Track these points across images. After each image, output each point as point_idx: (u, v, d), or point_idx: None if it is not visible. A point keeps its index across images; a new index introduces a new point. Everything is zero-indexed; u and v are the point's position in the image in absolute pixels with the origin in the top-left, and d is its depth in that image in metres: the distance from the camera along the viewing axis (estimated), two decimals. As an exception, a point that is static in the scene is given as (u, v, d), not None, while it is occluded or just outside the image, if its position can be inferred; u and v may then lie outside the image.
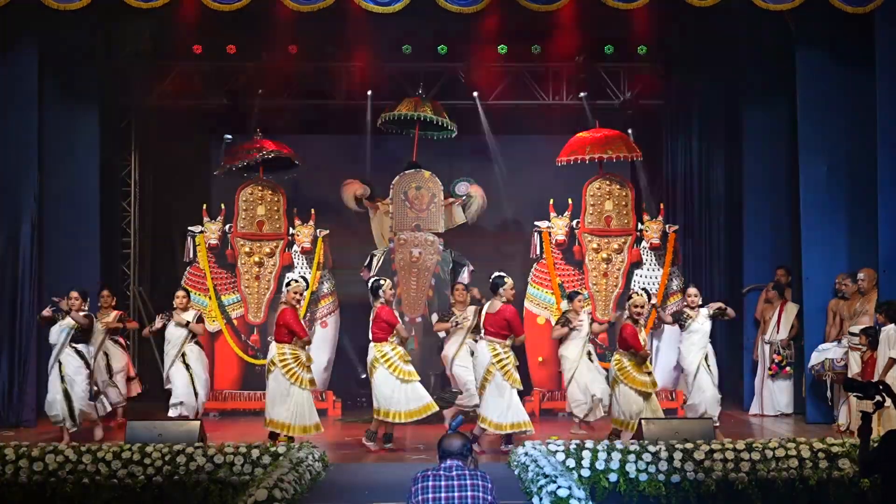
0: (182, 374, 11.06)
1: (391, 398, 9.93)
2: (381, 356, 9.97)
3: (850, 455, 8.16)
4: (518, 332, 9.92)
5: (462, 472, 5.31)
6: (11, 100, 11.83)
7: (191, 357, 11.14)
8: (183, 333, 11.13)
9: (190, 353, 11.15)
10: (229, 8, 11.18)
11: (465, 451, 5.43)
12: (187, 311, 11.20)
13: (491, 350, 9.78)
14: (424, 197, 12.95)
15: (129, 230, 14.59)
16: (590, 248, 12.73)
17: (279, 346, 9.96)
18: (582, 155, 12.62)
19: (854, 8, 11.04)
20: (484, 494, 5.26)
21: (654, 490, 8.05)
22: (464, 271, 12.86)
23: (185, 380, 11.05)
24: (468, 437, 5.59)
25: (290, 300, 10.08)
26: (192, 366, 11.12)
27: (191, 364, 11.11)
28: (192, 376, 11.08)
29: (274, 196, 13.05)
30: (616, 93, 14.84)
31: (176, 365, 11.09)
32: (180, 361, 11.09)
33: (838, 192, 11.79)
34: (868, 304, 11.07)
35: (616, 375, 9.90)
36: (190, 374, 11.08)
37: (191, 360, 11.13)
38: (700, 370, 10.72)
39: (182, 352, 11.10)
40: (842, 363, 11.04)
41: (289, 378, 9.83)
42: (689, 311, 10.93)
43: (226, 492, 7.98)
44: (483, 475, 5.35)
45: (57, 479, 8.09)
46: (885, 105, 11.18)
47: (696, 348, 10.80)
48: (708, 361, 10.81)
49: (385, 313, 10.02)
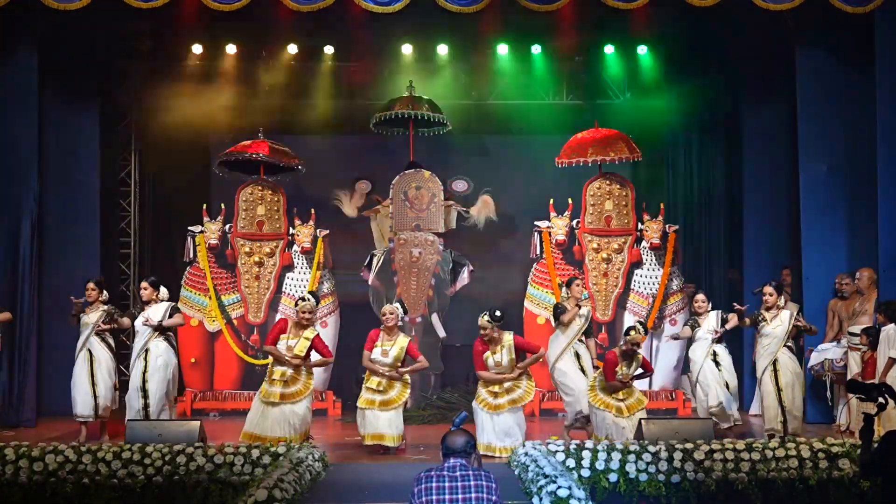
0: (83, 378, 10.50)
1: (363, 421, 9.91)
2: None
3: (850, 455, 8.16)
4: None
5: (466, 472, 5.23)
6: (11, 100, 11.84)
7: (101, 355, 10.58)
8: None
9: (98, 351, 10.56)
10: (229, 8, 11.18)
11: (468, 448, 5.34)
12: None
13: None
14: (424, 197, 12.95)
15: (129, 230, 14.59)
16: (590, 248, 12.73)
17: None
18: (584, 157, 12.61)
19: (854, 8, 11.04)
20: (488, 495, 5.17)
21: (654, 490, 8.05)
22: (464, 271, 12.87)
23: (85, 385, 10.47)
24: (472, 434, 5.52)
25: (301, 320, 10.04)
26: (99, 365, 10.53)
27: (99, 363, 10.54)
28: (94, 377, 10.48)
29: (274, 196, 13.05)
30: (616, 93, 14.85)
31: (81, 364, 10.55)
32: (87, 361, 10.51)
33: (838, 192, 11.80)
34: (867, 304, 11.07)
35: (590, 390, 9.91)
36: (92, 375, 10.49)
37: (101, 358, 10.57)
38: (765, 375, 10.28)
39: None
40: (841, 363, 11.04)
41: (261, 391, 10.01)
42: (766, 314, 10.35)
43: (226, 492, 7.98)
44: (487, 475, 5.27)
45: (57, 479, 8.08)
46: (885, 105, 11.18)
47: (766, 353, 10.28)
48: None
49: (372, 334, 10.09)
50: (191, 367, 12.82)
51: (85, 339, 10.57)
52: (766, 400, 10.20)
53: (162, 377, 10.37)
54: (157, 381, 10.35)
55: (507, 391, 9.82)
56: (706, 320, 10.71)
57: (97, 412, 10.51)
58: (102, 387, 10.53)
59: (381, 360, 9.92)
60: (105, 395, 10.54)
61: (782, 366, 10.18)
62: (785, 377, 10.15)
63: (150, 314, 10.55)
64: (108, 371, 10.61)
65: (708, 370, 10.56)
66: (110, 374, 10.63)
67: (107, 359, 10.63)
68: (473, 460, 5.39)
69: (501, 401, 9.79)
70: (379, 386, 9.88)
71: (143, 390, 10.33)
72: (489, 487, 5.19)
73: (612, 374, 9.63)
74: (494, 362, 9.85)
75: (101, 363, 10.58)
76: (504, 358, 9.84)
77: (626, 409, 9.61)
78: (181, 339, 12.41)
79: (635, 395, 9.76)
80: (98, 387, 10.51)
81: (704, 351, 10.62)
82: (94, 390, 10.49)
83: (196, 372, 12.89)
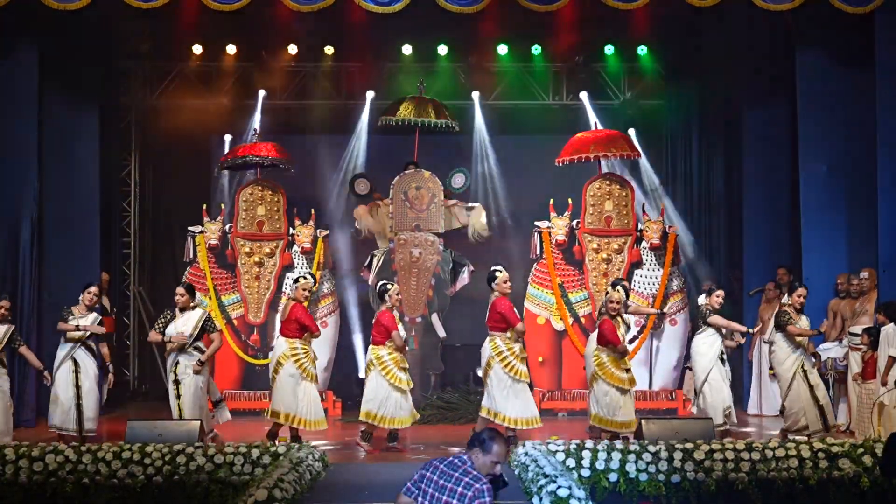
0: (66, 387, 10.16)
1: (379, 402, 9.97)
2: (377, 359, 10.02)
3: (850, 455, 8.17)
4: (513, 323, 10.03)
5: (452, 473, 5.19)
6: (11, 100, 11.83)
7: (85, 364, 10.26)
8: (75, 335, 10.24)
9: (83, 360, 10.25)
10: (229, 8, 11.18)
11: (473, 442, 5.31)
12: (91, 312, 10.29)
13: (491, 344, 10.05)
14: (424, 197, 12.95)
15: (129, 230, 14.59)
16: (590, 248, 12.72)
17: (290, 340, 10.04)
18: (585, 153, 12.61)
19: (854, 8, 11.05)
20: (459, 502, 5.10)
21: (654, 490, 8.04)
22: (464, 271, 12.87)
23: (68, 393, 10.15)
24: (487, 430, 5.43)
25: (300, 296, 10.19)
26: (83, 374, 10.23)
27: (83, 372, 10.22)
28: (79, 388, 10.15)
29: (274, 196, 13.05)
30: (616, 93, 14.85)
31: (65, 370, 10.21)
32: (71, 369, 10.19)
33: (838, 192, 11.81)
34: (868, 304, 11.07)
35: (595, 371, 9.91)
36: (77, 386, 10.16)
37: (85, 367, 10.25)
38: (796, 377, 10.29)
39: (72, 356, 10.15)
40: (843, 363, 11.04)
41: (300, 372, 9.98)
42: (794, 314, 10.29)
43: (226, 492, 7.98)
44: (474, 482, 5.12)
45: (57, 479, 8.08)
46: (885, 105, 11.20)
47: (794, 354, 10.26)
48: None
49: (386, 318, 10.06)
50: (191, 368, 12.82)
51: (70, 349, 10.26)
52: (803, 401, 10.12)
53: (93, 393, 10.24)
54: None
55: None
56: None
57: (81, 426, 10.08)
58: (89, 400, 10.16)
59: (404, 336, 10.24)
60: (92, 408, 10.20)
61: (809, 365, 10.23)
62: (813, 376, 10.22)
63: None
64: (94, 382, 10.30)
65: (717, 369, 10.44)
66: (96, 387, 10.33)
67: (94, 369, 10.31)
68: (491, 454, 5.29)
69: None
70: (405, 363, 10.15)
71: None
72: (462, 496, 5.10)
73: (618, 338, 9.82)
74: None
75: (89, 373, 10.25)
76: None
77: (629, 381, 9.86)
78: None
79: (630, 369, 10.02)
80: (85, 399, 10.14)
81: (717, 348, 10.46)
82: (80, 402, 10.13)
83: (196, 372, 12.87)
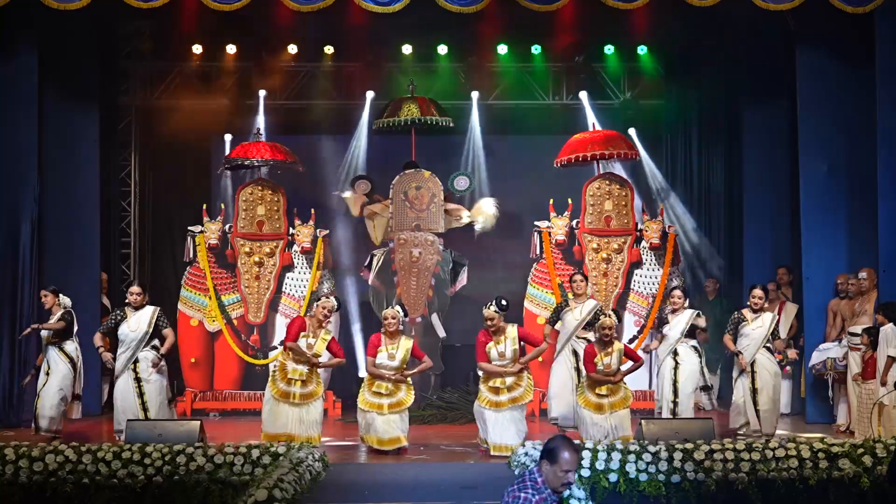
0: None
1: (366, 426, 9.86)
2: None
3: (850, 455, 8.17)
4: (477, 360, 9.90)
5: (511, 489, 4.92)
6: (11, 100, 11.83)
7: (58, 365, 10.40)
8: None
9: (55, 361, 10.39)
10: (229, 8, 11.18)
11: (542, 452, 4.99)
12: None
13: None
14: (424, 197, 12.94)
15: (129, 230, 14.59)
16: (590, 248, 12.73)
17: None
18: (583, 152, 12.61)
19: (854, 7, 11.04)
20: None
21: (654, 490, 8.05)
22: (464, 271, 12.86)
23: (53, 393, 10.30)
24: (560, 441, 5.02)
25: (318, 314, 10.03)
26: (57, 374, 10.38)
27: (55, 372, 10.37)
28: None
29: (274, 196, 13.05)
30: (616, 93, 14.85)
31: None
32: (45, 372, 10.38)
33: (838, 192, 11.80)
34: (867, 304, 11.07)
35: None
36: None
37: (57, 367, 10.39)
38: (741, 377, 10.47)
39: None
40: (843, 363, 11.05)
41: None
42: (748, 314, 10.47)
43: (226, 492, 7.98)
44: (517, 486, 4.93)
45: (57, 479, 8.08)
46: (885, 105, 11.20)
47: (746, 353, 10.40)
48: None
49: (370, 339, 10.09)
50: (191, 367, 12.83)
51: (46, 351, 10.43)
52: (737, 400, 10.40)
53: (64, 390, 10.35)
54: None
55: (509, 389, 9.76)
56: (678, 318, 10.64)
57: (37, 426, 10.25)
58: (45, 398, 10.26)
59: (388, 364, 9.86)
60: (48, 406, 10.26)
61: (760, 367, 10.33)
62: (762, 379, 10.31)
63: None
64: (69, 382, 10.40)
65: (665, 369, 10.58)
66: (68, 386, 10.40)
67: (66, 370, 10.38)
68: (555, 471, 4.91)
69: (503, 398, 9.73)
70: (385, 389, 9.83)
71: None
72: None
73: (592, 366, 9.69)
74: (498, 353, 9.75)
75: (60, 375, 10.34)
76: (507, 349, 9.76)
77: (608, 406, 9.63)
78: (183, 339, 12.44)
79: (620, 393, 9.72)
80: (41, 398, 10.28)
81: (668, 349, 10.62)
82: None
83: (196, 372, 12.89)
